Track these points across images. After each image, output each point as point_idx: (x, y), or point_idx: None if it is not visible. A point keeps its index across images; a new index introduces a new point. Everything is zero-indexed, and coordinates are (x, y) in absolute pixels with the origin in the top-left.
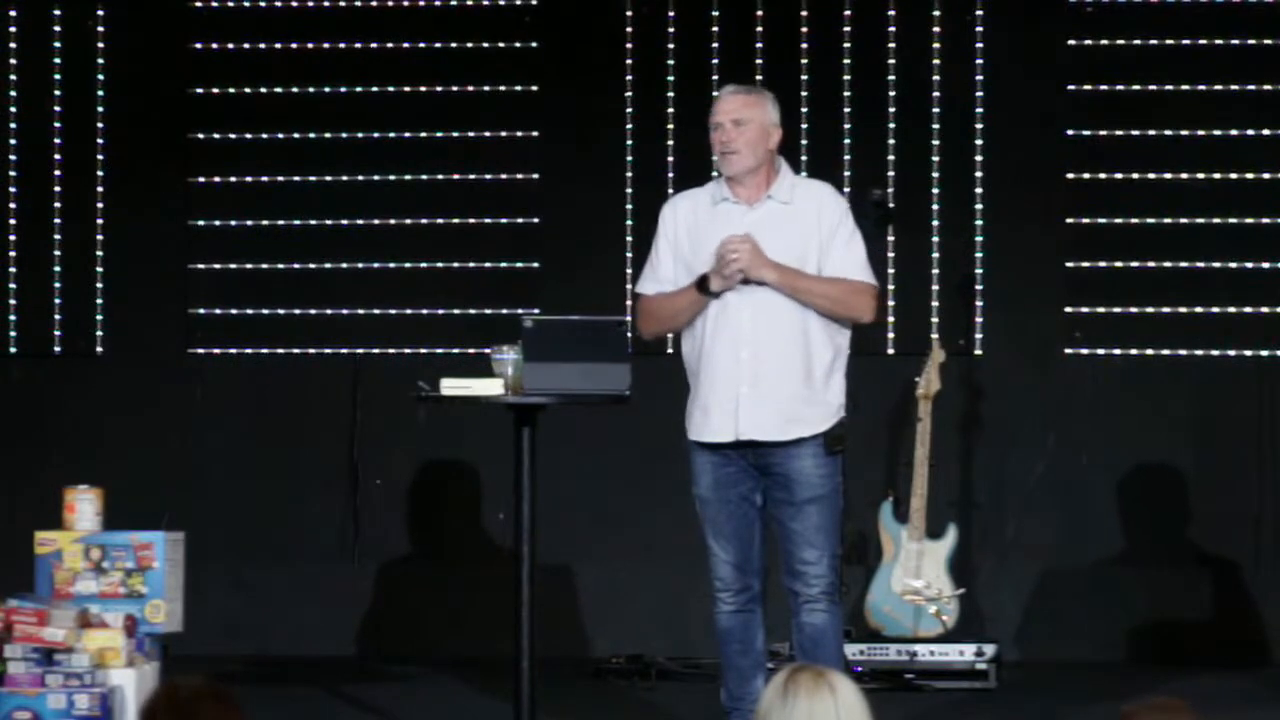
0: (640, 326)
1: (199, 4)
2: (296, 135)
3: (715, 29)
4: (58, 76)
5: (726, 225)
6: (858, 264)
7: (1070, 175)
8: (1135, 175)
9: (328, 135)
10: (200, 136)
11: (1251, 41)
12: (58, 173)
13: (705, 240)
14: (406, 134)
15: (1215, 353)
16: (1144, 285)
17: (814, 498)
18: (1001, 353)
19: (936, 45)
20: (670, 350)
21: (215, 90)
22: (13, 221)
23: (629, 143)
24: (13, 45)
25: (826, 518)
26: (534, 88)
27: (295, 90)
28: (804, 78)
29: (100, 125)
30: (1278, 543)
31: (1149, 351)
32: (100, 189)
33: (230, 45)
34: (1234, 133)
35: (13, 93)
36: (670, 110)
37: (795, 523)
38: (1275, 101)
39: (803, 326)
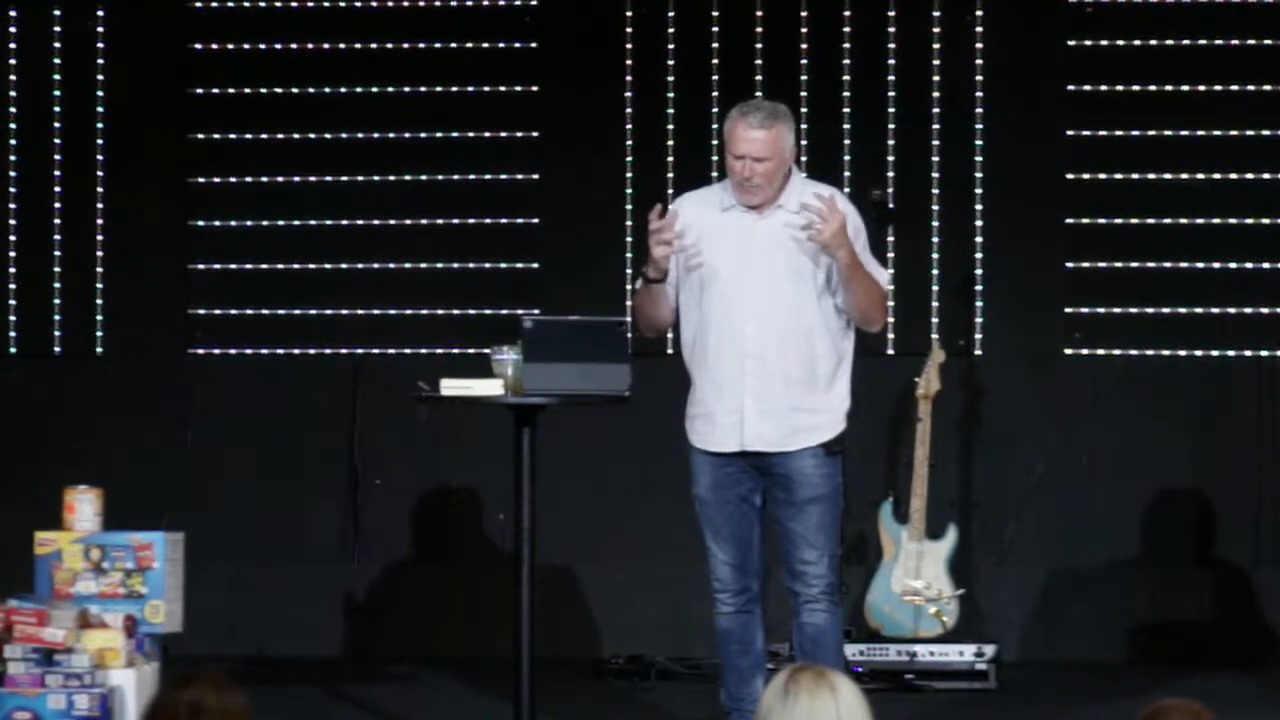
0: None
1: (199, 4)
2: (296, 135)
3: (715, 29)
4: (58, 76)
5: (737, 233)
6: (877, 272)
7: (1070, 175)
8: (1135, 175)
9: (328, 135)
10: (200, 136)
11: (1251, 41)
12: (58, 173)
13: (712, 246)
14: (406, 134)
15: (1215, 353)
16: (1144, 285)
17: (814, 498)
18: (1001, 353)
19: (936, 45)
20: (670, 350)
21: (215, 90)
22: (13, 221)
23: (629, 143)
24: (13, 45)
25: (827, 517)
26: (534, 88)
27: (295, 90)
28: (804, 78)
29: (100, 125)
30: (1278, 543)
31: (1149, 351)
32: (100, 189)
33: (230, 45)
34: (1234, 133)
35: (13, 93)
36: (670, 110)
37: (795, 523)
38: (1275, 101)
39: (807, 335)
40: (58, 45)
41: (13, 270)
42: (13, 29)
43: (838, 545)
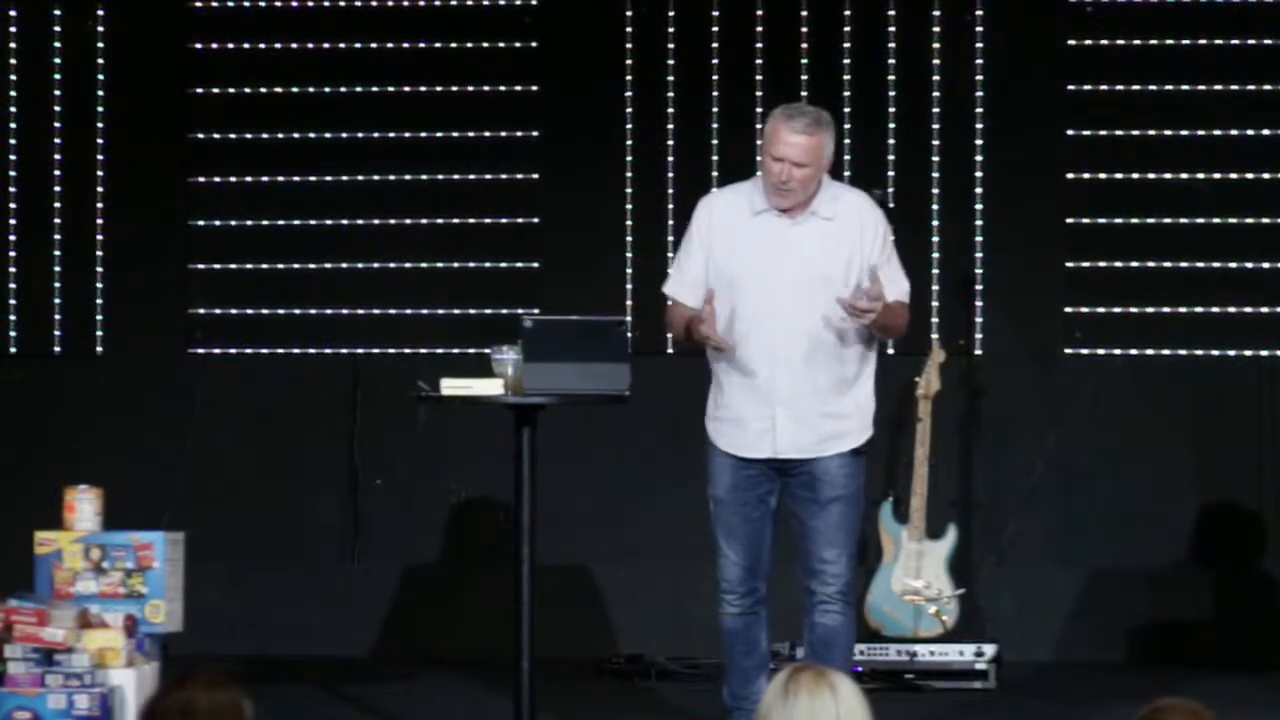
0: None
1: (199, 4)
2: (296, 135)
3: (715, 29)
4: (58, 76)
5: (769, 239)
6: (901, 283)
7: (1070, 175)
8: (1135, 175)
9: (328, 135)
10: (200, 136)
11: (1251, 41)
12: (58, 173)
13: (744, 250)
14: (406, 134)
15: (1215, 353)
16: (1144, 285)
17: (837, 497)
18: (1001, 353)
19: (936, 45)
20: (670, 350)
21: (215, 90)
22: (13, 221)
23: (629, 143)
24: (13, 45)
25: (849, 516)
26: (534, 88)
27: (295, 90)
28: (804, 78)
29: (100, 125)
30: (1278, 543)
31: (1149, 351)
32: (100, 189)
33: (230, 45)
34: (1234, 133)
35: (13, 93)
36: (670, 110)
37: (817, 520)
38: (1275, 101)
39: (836, 342)
40: (58, 45)
41: (13, 270)
42: (13, 29)
43: (856, 546)
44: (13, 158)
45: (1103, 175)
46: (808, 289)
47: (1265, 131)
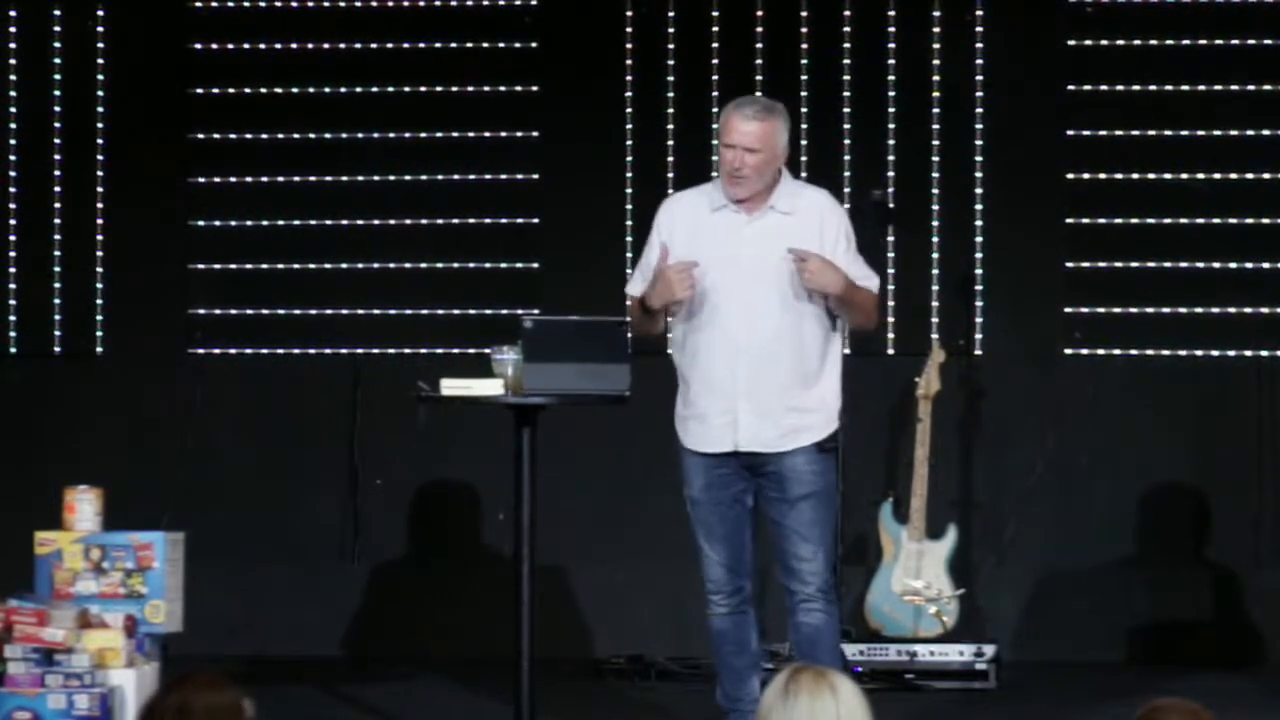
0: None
1: (199, 4)
2: (296, 135)
3: (715, 29)
4: (58, 76)
5: (727, 233)
6: (867, 277)
7: (1070, 175)
8: (1135, 175)
9: (328, 135)
10: (200, 136)
11: (1251, 41)
12: (58, 173)
13: (703, 246)
14: (406, 134)
15: (1215, 353)
16: (1144, 285)
17: (807, 494)
18: (1001, 353)
19: (936, 45)
20: (670, 350)
21: (215, 90)
22: (13, 222)
23: (629, 143)
24: (13, 45)
25: (820, 512)
26: (534, 88)
27: (295, 90)
28: (804, 78)
29: (100, 125)
30: (1278, 543)
31: (1149, 351)
32: (100, 189)
33: (230, 45)
34: (1234, 133)
35: (13, 93)
36: (670, 110)
37: (788, 518)
38: (1275, 101)
39: (798, 333)
40: (58, 45)
41: (13, 270)
42: (13, 29)
43: (834, 543)
44: (13, 158)
45: (1102, 175)
46: (766, 282)
47: (1265, 131)
